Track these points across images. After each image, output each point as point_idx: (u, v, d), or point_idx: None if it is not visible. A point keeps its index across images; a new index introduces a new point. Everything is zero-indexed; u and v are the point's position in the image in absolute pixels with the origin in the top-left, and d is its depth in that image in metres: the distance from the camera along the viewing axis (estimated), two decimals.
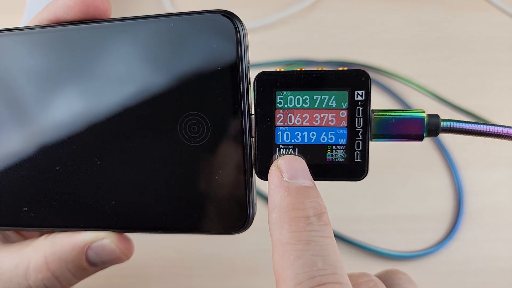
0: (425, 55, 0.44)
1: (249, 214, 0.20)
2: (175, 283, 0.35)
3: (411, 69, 0.42)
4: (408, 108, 0.41)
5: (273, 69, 0.19)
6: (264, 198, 0.38)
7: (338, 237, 0.36)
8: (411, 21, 0.45)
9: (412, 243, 0.37)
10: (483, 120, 0.40)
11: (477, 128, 0.19)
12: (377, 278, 0.22)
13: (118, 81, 0.20)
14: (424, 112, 0.19)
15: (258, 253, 0.36)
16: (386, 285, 0.22)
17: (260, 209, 0.37)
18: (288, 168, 0.18)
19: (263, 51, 0.43)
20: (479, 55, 0.44)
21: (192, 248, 0.36)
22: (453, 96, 0.41)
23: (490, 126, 0.19)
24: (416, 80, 0.42)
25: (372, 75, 0.43)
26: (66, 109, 0.21)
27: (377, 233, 0.37)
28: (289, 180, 0.18)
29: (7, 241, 0.24)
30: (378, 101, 0.42)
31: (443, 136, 0.40)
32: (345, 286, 0.16)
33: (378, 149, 0.40)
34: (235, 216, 0.20)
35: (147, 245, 0.36)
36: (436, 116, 0.19)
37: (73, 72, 0.21)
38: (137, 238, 0.31)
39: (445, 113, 0.40)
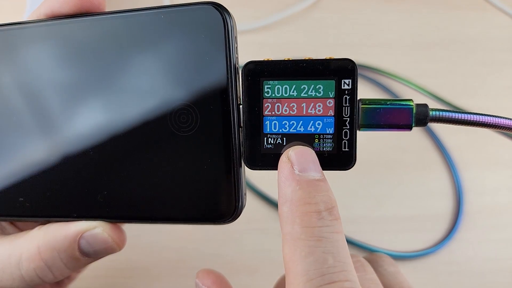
0: (425, 55, 0.44)
1: (238, 203, 0.20)
2: (175, 283, 0.35)
3: (410, 69, 0.42)
4: None
5: None
6: (258, 193, 0.38)
7: None
8: (411, 21, 0.45)
9: (412, 243, 0.37)
10: None
11: (466, 118, 0.19)
12: (363, 259, 0.23)
13: (109, 72, 0.21)
14: (412, 101, 0.19)
15: (258, 253, 0.36)
16: (371, 266, 0.23)
17: (258, 210, 0.37)
18: (299, 160, 0.18)
19: (264, 51, 0.43)
20: (479, 55, 0.44)
21: (192, 248, 0.36)
22: (453, 97, 0.41)
23: (479, 116, 0.19)
24: (416, 80, 0.42)
25: (372, 75, 0.43)
26: (59, 100, 0.22)
27: (377, 233, 0.37)
28: (300, 173, 0.18)
29: (3, 233, 0.24)
30: None
31: (443, 136, 0.40)
32: (353, 283, 0.16)
33: (378, 149, 0.40)
34: (223, 205, 0.21)
35: (147, 245, 0.36)
36: (425, 105, 0.19)
37: (64, 63, 0.21)
38: (137, 239, 0.31)
39: None
